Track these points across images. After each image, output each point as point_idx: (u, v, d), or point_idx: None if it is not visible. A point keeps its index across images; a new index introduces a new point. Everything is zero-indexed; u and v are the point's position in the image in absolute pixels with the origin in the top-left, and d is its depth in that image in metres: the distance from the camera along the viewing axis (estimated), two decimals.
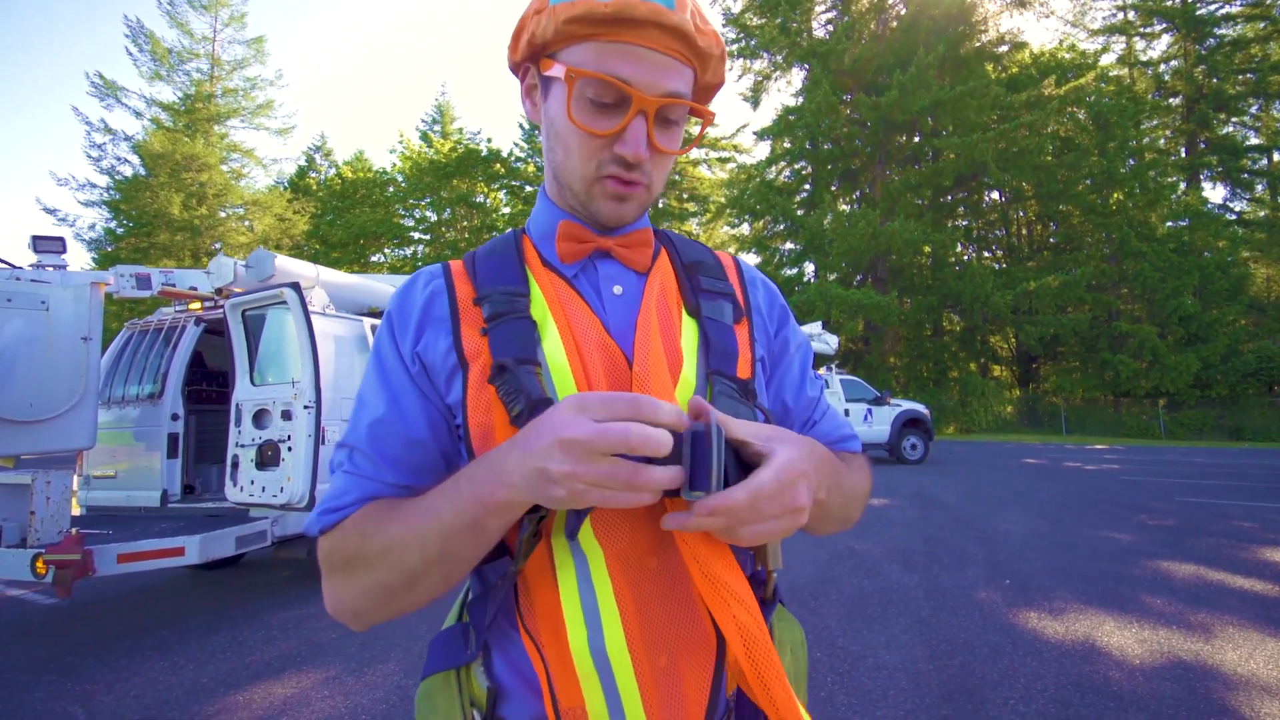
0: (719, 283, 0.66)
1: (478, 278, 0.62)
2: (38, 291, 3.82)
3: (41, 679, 3.00)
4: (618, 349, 0.58)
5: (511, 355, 0.55)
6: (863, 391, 12.83)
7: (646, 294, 0.62)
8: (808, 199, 28.29)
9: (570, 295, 0.61)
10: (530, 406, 0.52)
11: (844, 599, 3.92)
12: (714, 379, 0.59)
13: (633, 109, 0.55)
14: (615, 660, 0.51)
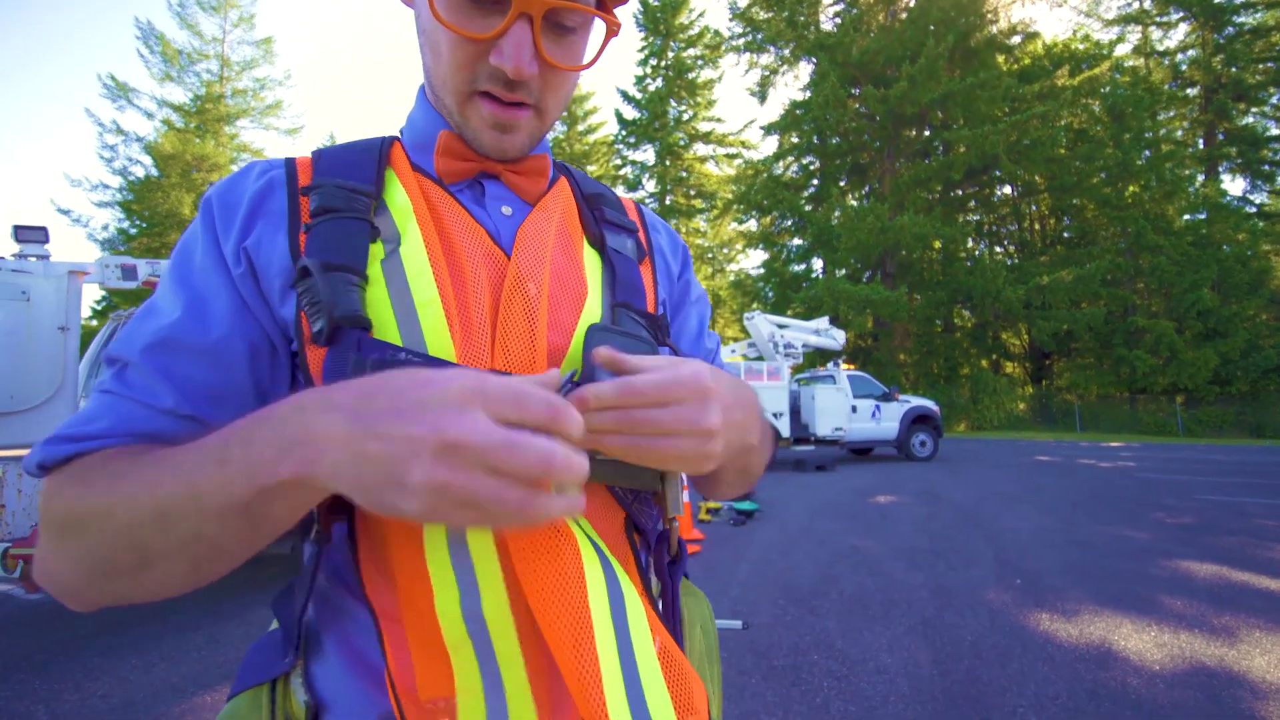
0: (621, 216, 0.61)
1: (317, 169, 0.51)
2: (18, 282, 3.74)
3: (11, 677, 2.90)
4: (504, 257, 0.50)
5: (322, 258, 0.44)
6: (870, 388, 12.62)
7: (540, 212, 0.54)
8: (815, 194, 28.03)
9: (448, 201, 0.51)
10: (332, 326, 0.42)
11: (844, 599, 3.76)
12: (619, 311, 0.53)
13: (513, 10, 0.45)
14: (494, 626, 0.42)
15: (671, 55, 32.09)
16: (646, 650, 0.43)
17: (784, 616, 3.45)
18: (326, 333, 0.42)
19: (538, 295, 0.48)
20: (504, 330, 0.46)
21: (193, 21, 30.04)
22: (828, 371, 12.84)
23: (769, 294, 26.80)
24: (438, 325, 0.44)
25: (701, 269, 33.44)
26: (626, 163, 33.59)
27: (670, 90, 31.97)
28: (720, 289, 32.83)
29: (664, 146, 31.89)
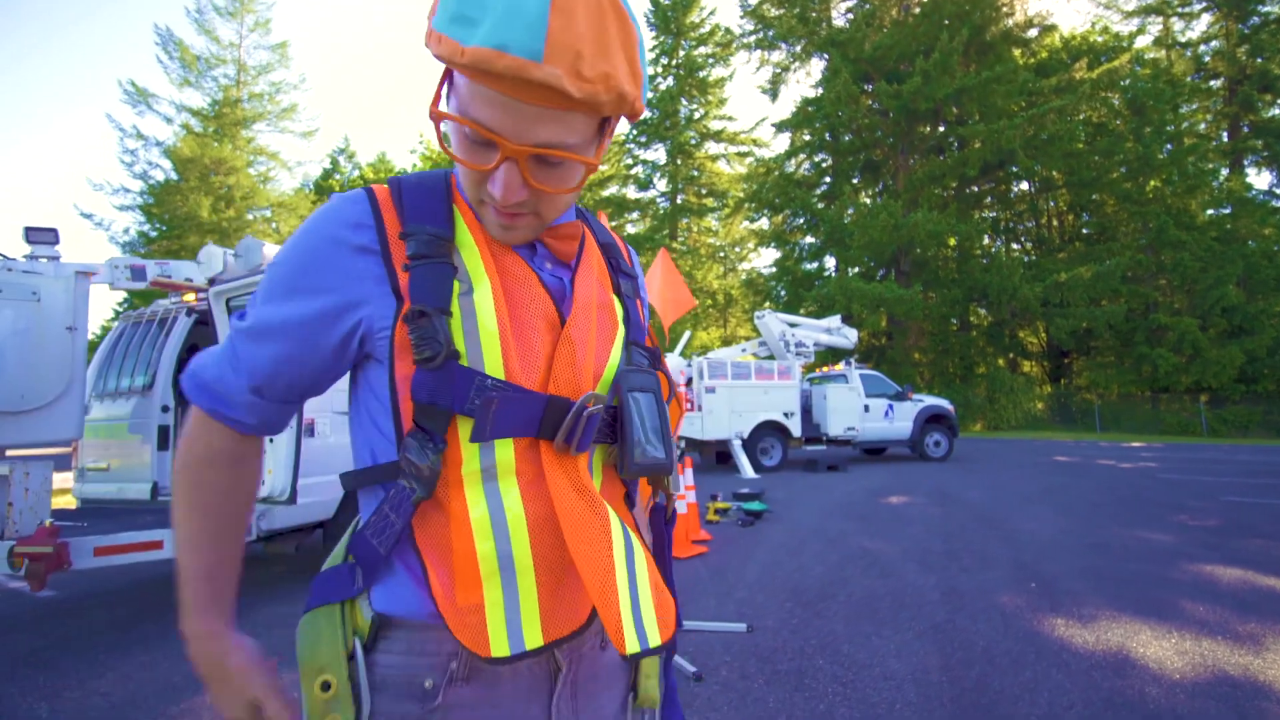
0: (626, 266, 0.77)
1: (404, 214, 0.62)
2: (29, 283, 3.77)
3: (16, 673, 2.92)
4: (552, 307, 0.63)
5: (430, 302, 0.58)
6: (883, 387, 12.46)
7: (586, 274, 0.68)
8: (828, 192, 27.78)
9: (510, 255, 0.64)
10: (447, 355, 0.57)
11: (852, 601, 3.68)
12: (632, 349, 0.70)
13: (500, 156, 0.55)
14: (519, 563, 0.58)
15: (682, 54, 31.99)
16: (644, 577, 0.62)
17: (790, 620, 3.39)
18: (439, 361, 0.56)
19: (582, 346, 0.63)
20: (556, 369, 0.61)
21: (210, 27, 30.46)
22: (840, 371, 12.70)
23: (781, 293, 26.61)
24: (495, 356, 0.59)
25: (713, 268, 33.30)
26: (638, 162, 33.55)
27: (681, 89, 31.87)
28: (732, 288, 32.67)
29: (675, 145, 31.80)
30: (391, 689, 0.59)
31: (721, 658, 2.90)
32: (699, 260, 32.13)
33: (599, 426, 0.63)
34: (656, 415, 0.65)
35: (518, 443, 0.60)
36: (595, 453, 0.66)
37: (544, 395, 0.60)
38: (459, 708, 0.59)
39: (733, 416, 10.94)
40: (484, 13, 0.50)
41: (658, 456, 0.64)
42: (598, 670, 0.67)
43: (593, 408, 0.60)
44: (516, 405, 0.59)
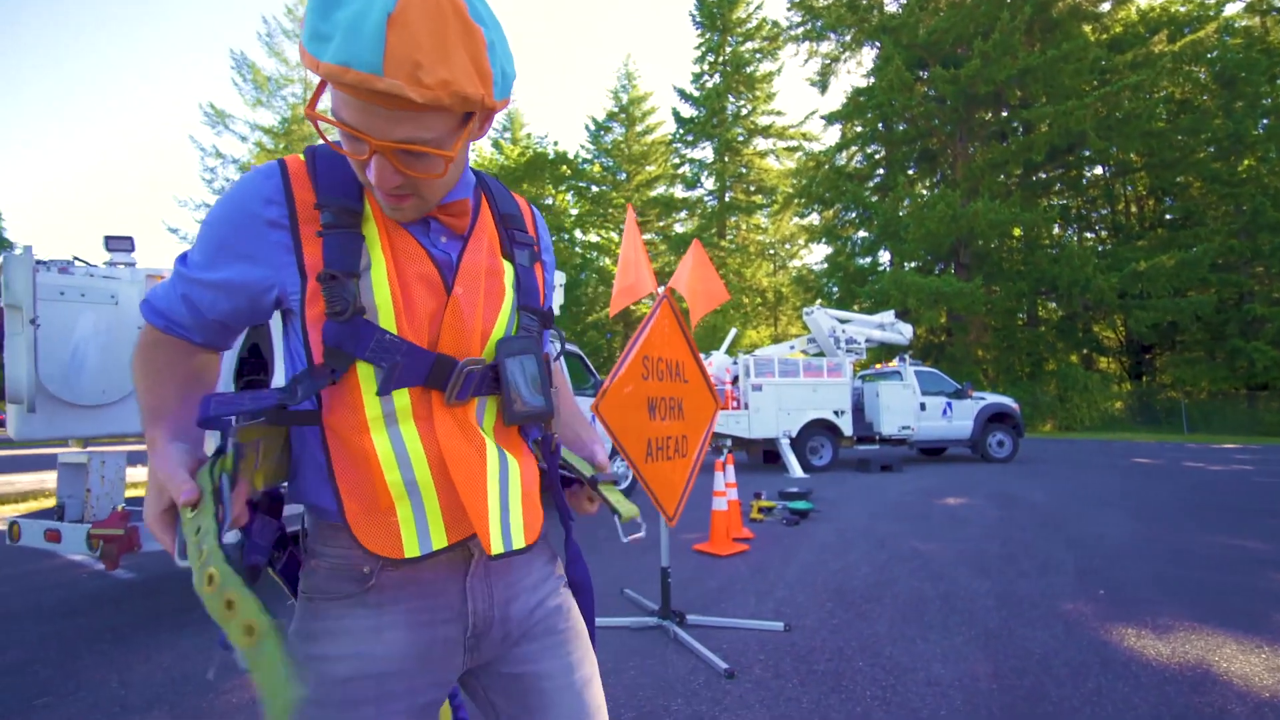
0: (523, 234, 0.86)
1: (318, 182, 0.72)
2: (108, 287, 4.07)
3: (95, 646, 3.15)
4: (438, 278, 0.75)
5: (339, 267, 0.69)
6: (941, 384, 11.93)
7: (474, 244, 0.79)
8: (881, 184, 26.88)
9: (398, 228, 0.74)
10: (354, 311, 0.69)
11: (898, 603, 3.51)
12: (521, 313, 0.82)
13: (369, 150, 0.63)
14: (422, 487, 0.72)
15: (729, 50, 31.67)
16: (516, 496, 0.76)
17: (830, 620, 3.26)
18: (348, 315, 0.68)
19: (469, 308, 0.76)
20: (444, 332, 0.74)
21: (279, 49, 32.29)
22: (894, 368, 12.24)
23: (833, 289, 25.91)
24: (390, 321, 0.71)
25: (762, 265, 32.79)
26: (685, 161, 33.42)
27: (728, 85, 31.55)
28: (782, 285, 32.07)
29: (722, 143, 31.50)
30: (334, 574, 0.75)
31: (756, 655, 2.82)
32: (748, 258, 31.71)
33: (486, 381, 0.76)
34: (536, 372, 0.79)
35: (412, 391, 0.72)
36: (488, 402, 0.79)
37: (432, 354, 0.73)
38: (389, 587, 0.75)
39: (780, 415, 10.71)
40: (333, 30, 0.57)
41: (535, 405, 0.78)
42: (508, 559, 0.82)
43: (471, 368, 0.74)
44: (410, 360, 0.71)
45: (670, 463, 3.24)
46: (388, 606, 0.74)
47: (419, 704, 0.76)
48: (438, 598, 0.77)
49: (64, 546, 3.43)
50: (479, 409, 0.77)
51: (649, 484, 3.06)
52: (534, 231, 0.89)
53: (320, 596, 0.75)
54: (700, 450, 3.49)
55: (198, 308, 0.75)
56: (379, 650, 0.73)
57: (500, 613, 0.81)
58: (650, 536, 5.45)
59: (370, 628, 0.73)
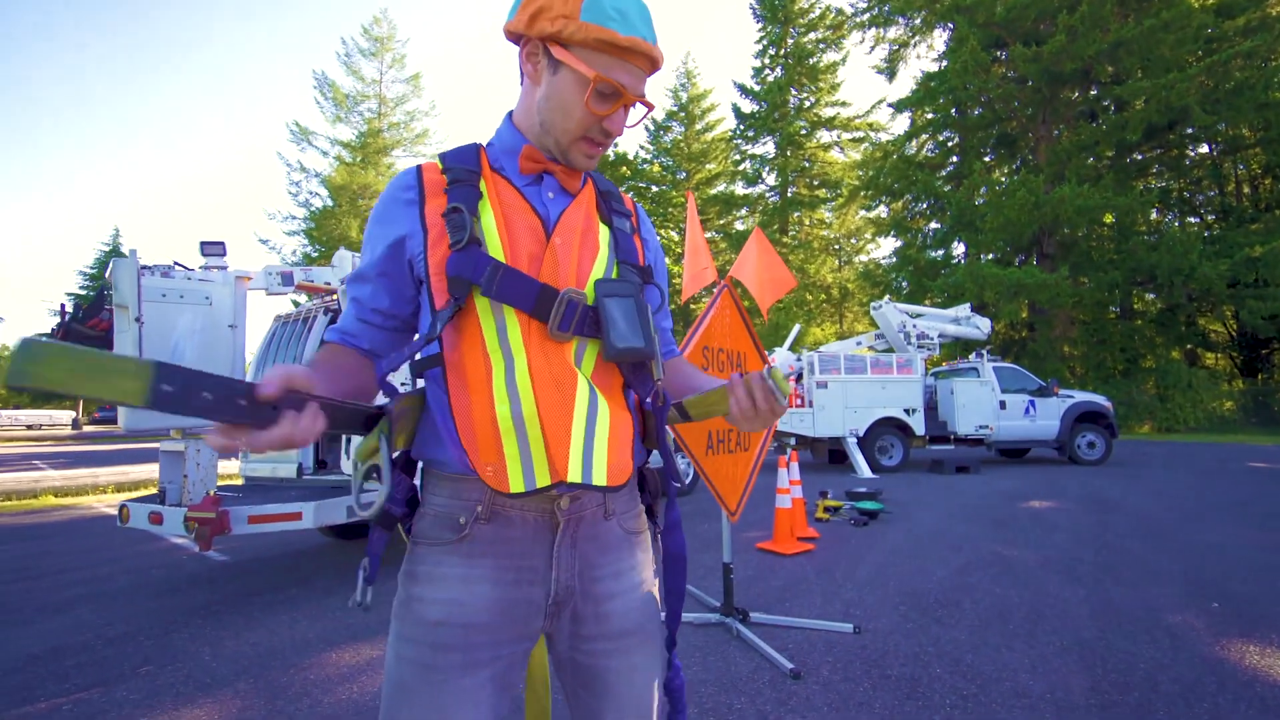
0: (622, 207, 0.98)
1: (445, 161, 0.88)
2: (203, 289, 4.38)
3: (191, 622, 3.39)
4: (540, 227, 0.85)
5: (459, 201, 0.82)
6: (1023, 381, 11.18)
7: (576, 204, 0.90)
8: (955, 172, 25.50)
9: (507, 187, 0.87)
10: (469, 240, 0.80)
11: (979, 610, 3.28)
12: (621, 266, 0.90)
13: (621, 102, 0.83)
14: (529, 421, 0.77)
15: (791, 42, 30.96)
16: (603, 436, 0.81)
17: (904, 624, 3.09)
18: (465, 242, 0.79)
19: (565, 248, 0.85)
20: (545, 267, 0.83)
21: (356, 68, 34.16)
22: (970, 363, 11.57)
23: (902, 284, 24.79)
24: (498, 252, 0.81)
25: (827, 261, 31.86)
26: (745, 157, 32.90)
27: (790, 78, 30.84)
28: (848, 281, 31.06)
29: (784, 137, 30.82)
30: (436, 521, 0.83)
31: (823, 657, 2.70)
32: (811, 254, 30.89)
33: (587, 320, 0.83)
34: (634, 313, 0.84)
35: (521, 320, 0.80)
36: (588, 345, 0.85)
37: (537, 281, 0.81)
38: (480, 540, 0.82)
39: (847, 413, 10.33)
40: (626, 16, 0.79)
41: (634, 344, 0.82)
42: (597, 534, 0.87)
43: (572, 297, 0.81)
44: (517, 282, 0.80)
45: (731, 456, 3.17)
46: (478, 559, 0.81)
47: (501, 656, 0.81)
48: (525, 559, 0.82)
49: (165, 528, 3.71)
50: (579, 351, 0.83)
51: (710, 478, 2.99)
52: (634, 211, 1.00)
53: (423, 541, 0.83)
54: (763, 444, 3.39)
55: (362, 305, 0.87)
56: (467, 599, 0.80)
57: (582, 586, 0.86)
58: (711, 532, 5.37)
59: (461, 577, 0.80)
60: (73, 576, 4.42)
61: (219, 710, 2.36)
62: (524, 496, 0.78)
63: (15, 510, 7.80)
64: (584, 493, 0.85)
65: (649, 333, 0.85)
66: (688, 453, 2.94)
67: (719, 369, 3.17)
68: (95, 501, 8.43)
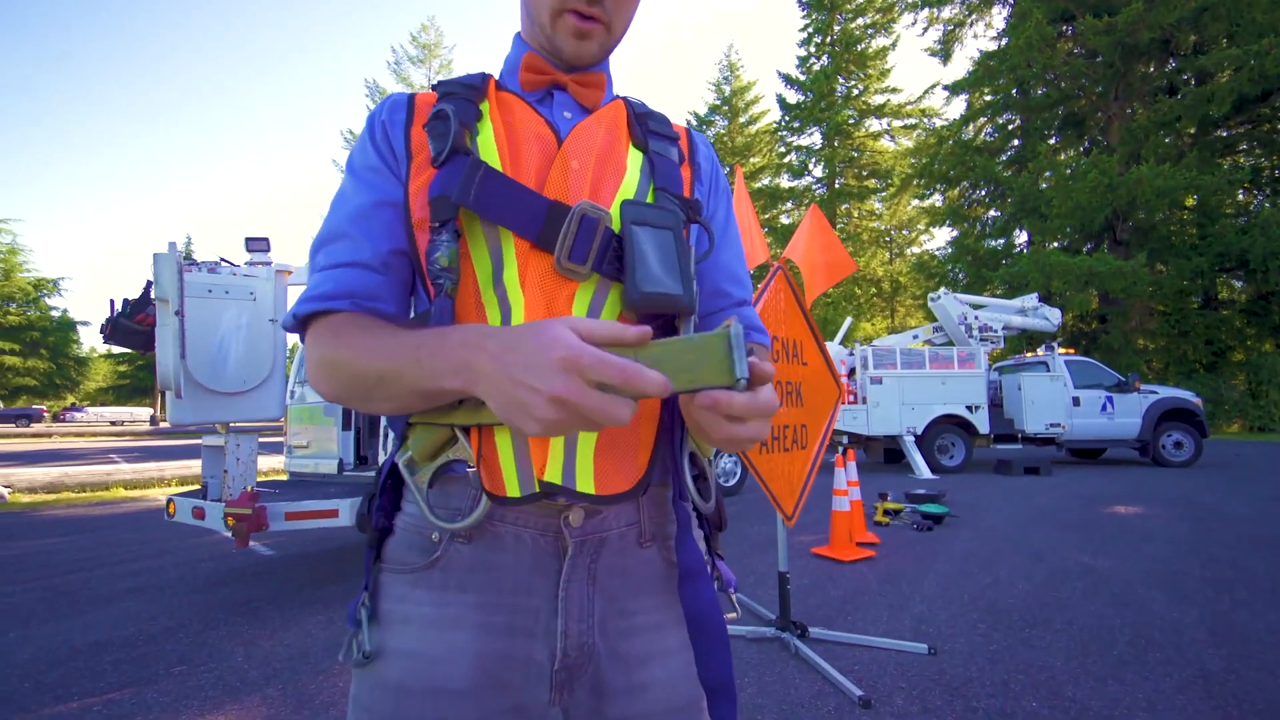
0: (665, 128, 0.74)
1: (442, 88, 0.68)
2: (248, 284, 4.37)
3: (230, 619, 3.34)
4: (551, 135, 0.65)
5: (448, 105, 0.63)
6: (1099, 375, 10.37)
7: (593, 119, 0.68)
8: (1016, 156, 24.13)
9: (514, 102, 0.67)
10: (452, 150, 0.60)
11: (1074, 632, 2.89)
12: (659, 194, 0.66)
13: None
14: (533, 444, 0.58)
15: (838, 29, 29.99)
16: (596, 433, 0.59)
17: (986, 645, 2.74)
18: (445, 154, 0.60)
19: (580, 170, 0.63)
20: (554, 183, 0.61)
21: (405, 74, 35.03)
22: (1038, 357, 10.80)
23: (959, 275, 23.63)
24: (494, 160, 0.61)
25: (877, 254, 30.77)
26: (791, 149, 32.12)
27: (838, 66, 29.88)
28: (900, 273, 29.92)
29: (832, 127, 29.90)
30: (404, 538, 0.63)
31: (896, 682, 2.39)
32: (861, 246, 29.89)
33: (608, 254, 0.60)
34: (672, 250, 0.62)
35: (520, 253, 0.59)
36: (610, 293, 0.61)
37: (545, 197, 0.60)
38: (458, 566, 0.60)
39: (904, 410, 9.79)
40: None
41: (667, 289, 0.59)
42: (627, 566, 0.63)
43: (589, 213, 0.59)
44: (512, 192, 0.59)
45: (788, 455, 2.88)
46: (453, 593, 0.59)
47: None
48: (519, 596, 0.59)
49: (207, 522, 3.69)
50: (596, 298, 0.60)
51: (764, 479, 2.72)
52: (685, 137, 0.76)
53: (388, 567, 0.63)
54: (822, 441, 3.09)
55: (358, 248, 0.65)
56: (438, 652, 0.58)
57: (605, 643, 0.61)
58: (762, 534, 5.07)
59: (431, 618, 0.59)
60: (127, 568, 4.50)
61: (244, 719, 2.24)
62: (519, 504, 0.57)
63: (88, 501, 8.18)
64: (607, 506, 0.60)
65: (689, 277, 0.62)
66: (740, 452, 2.67)
67: (773, 359, 2.89)
68: (160, 494, 8.77)
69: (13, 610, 3.57)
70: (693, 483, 0.65)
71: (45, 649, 2.95)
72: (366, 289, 0.61)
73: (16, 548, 5.35)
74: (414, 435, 0.61)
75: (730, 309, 0.76)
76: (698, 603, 0.59)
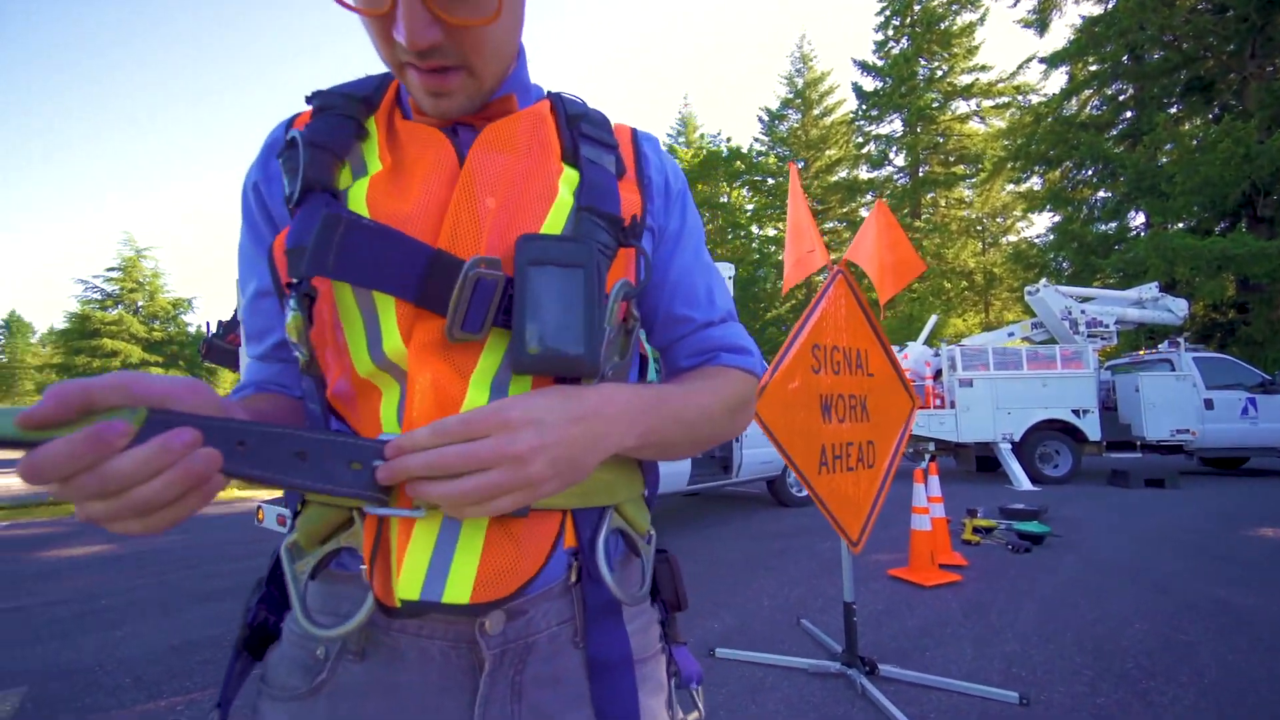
0: (602, 134, 0.62)
1: (321, 99, 0.57)
2: None
3: None
4: (453, 159, 0.54)
5: (311, 136, 0.52)
6: (1238, 374, 9.10)
7: (506, 137, 0.56)
8: (1128, 130, 21.81)
9: (410, 124, 0.56)
10: (304, 187, 0.50)
11: (1204, 686, 2.46)
12: (582, 215, 0.54)
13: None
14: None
15: (918, 8, 28.40)
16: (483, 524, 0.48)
17: (1092, 698, 2.38)
18: (298, 195, 0.50)
19: (496, 206, 0.51)
20: (450, 221, 0.50)
21: None
22: (1160, 354, 9.62)
23: (1062, 264, 21.62)
24: (360, 204, 0.50)
25: (967, 244, 28.78)
26: (869, 139, 30.74)
27: (919, 48, 28.31)
28: (993, 265, 27.83)
29: (914, 112, 28.34)
30: (288, 657, 0.54)
31: None
32: (949, 237, 28.07)
33: (503, 307, 0.50)
34: (578, 298, 0.49)
35: (402, 318, 0.49)
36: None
37: (429, 248, 0.49)
38: (347, 691, 0.51)
39: (999, 414, 9.00)
40: None
41: (559, 348, 0.48)
42: (561, 674, 0.53)
43: (483, 273, 0.48)
44: (390, 246, 0.48)
45: (852, 475, 2.65)
46: None
47: None
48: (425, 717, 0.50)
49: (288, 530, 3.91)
50: (503, 363, 0.51)
51: (824, 501, 2.51)
52: (629, 146, 0.65)
53: (265, 692, 0.54)
54: (892, 460, 2.83)
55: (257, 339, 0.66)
56: None
57: None
58: (829, 551, 4.76)
59: None
60: (222, 568, 4.86)
61: None
62: (418, 611, 0.46)
63: None
64: (533, 603, 0.52)
65: (593, 329, 0.49)
66: (795, 471, 2.48)
67: (833, 370, 2.66)
68: (258, 495, 9.52)
69: (131, 606, 3.93)
70: (607, 561, 0.54)
71: (148, 646, 3.20)
72: (267, 378, 0.62)
73: (142, 544, 5.94)
74: (305, 513, 0.52)
75: (692, 335, 0.66)
76: (613, 706, 0.51)
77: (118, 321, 47.02)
